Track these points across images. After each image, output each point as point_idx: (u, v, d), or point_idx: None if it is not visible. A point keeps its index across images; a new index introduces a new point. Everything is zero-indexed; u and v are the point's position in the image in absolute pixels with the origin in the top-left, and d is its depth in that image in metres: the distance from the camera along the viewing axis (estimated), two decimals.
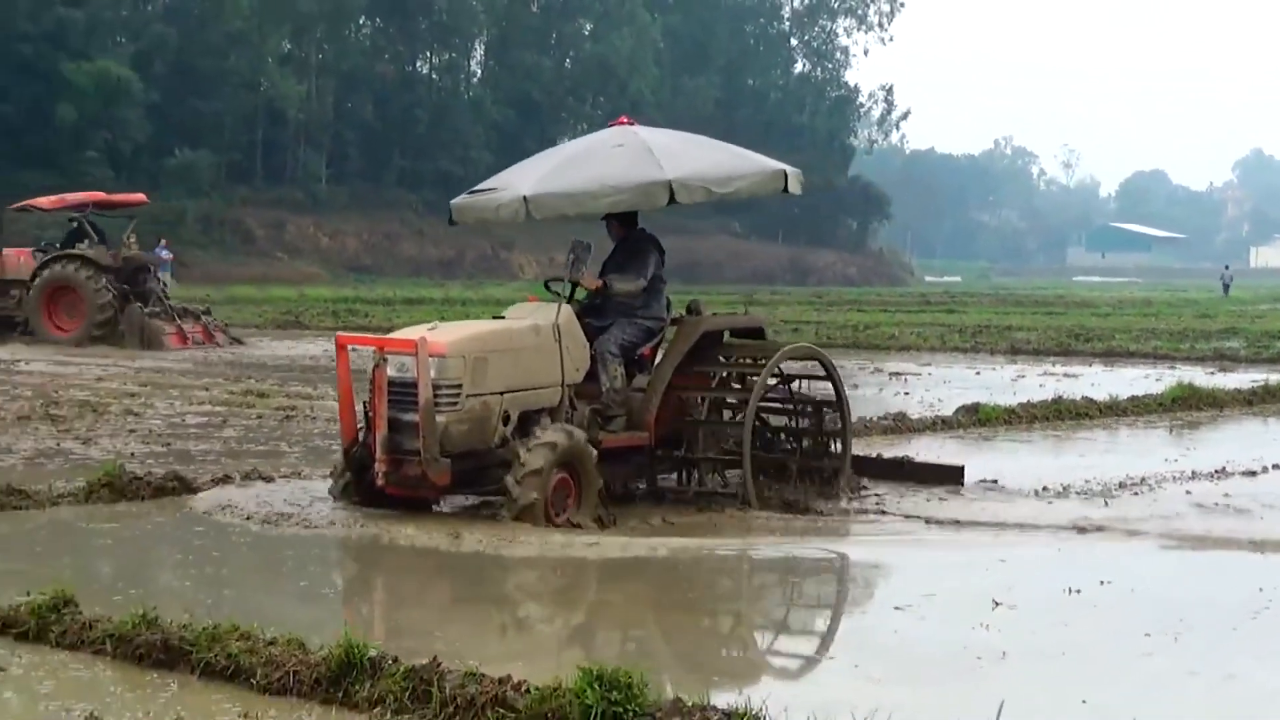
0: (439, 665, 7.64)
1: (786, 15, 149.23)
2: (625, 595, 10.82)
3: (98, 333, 34.51)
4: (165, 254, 63.18)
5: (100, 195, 39.52)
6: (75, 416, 20.34)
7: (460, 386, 12.45)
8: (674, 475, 14.73)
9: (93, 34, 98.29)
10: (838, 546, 12.70)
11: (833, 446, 15.17)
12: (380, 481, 12.45)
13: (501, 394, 12.79)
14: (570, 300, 13.77)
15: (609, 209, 13.94)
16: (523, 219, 13.72)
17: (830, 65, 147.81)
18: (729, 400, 14.69)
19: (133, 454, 16.78)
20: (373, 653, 7.77)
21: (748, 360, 14.67)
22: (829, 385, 15.23)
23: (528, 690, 7.30)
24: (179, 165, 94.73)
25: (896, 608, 10.02)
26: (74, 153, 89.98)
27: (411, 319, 46.72)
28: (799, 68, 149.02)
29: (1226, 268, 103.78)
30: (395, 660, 7.74)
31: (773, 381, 14.85)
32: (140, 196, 40.38)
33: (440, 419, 12.27)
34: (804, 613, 10.76)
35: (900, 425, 20.31)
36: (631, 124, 14.74)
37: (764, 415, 15.10)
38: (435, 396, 12.24)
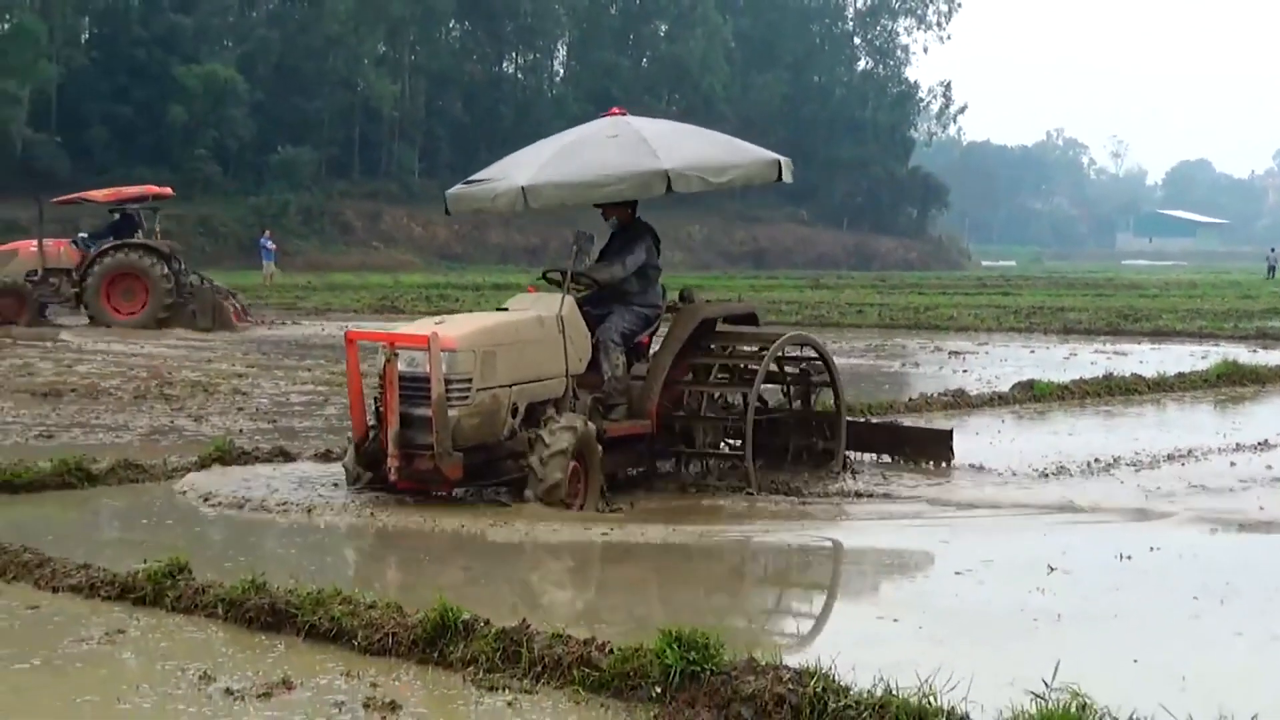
0: (528, 627, 7.65)
1: (850, 15, 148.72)
2: (679, 574, 10.64)
3: (163, 314, 34.95)
4: (269, 244, 63.63)
5: (152, 188, 40.18)
6: (187, 395, 20.46)
7: (470, 380, 11.96)
8: (671, 462, 14.14)
9: (201, 38, 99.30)
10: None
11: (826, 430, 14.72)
12: (392, 477, 11.91)
13: (510, 386, 12.29)
14: (569, 291, 13.12)
15: (607, 199, 13.37)
16: (520, 209, 13.04)
17: (891, 62, 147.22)
18: (727, 387, 14.21)
19: (241, 430, 16.87)
20: (466, 616, 7.79)
21: (746, 348, 14.26)
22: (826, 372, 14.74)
23: (611, 651, 7.30)
24: (282, 161, 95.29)
25: (956, 573, 9.99)
26: (184, 150, 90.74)
27: (500, 303, 46.85)
28: (862, 65, 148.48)
29: (1272, 250, 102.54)
30: (487, 623, 7.76)
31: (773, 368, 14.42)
32: (168, 190, 41.25)
33: (452, 413, 11.76)
34: (865, 579, 10.73)
35: (959, 401, 20.21)
36: (624, 114, 14.13)
37: (763, 400, 14.56)
38: (446, 391, 11.74)
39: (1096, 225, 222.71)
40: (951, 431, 15.32)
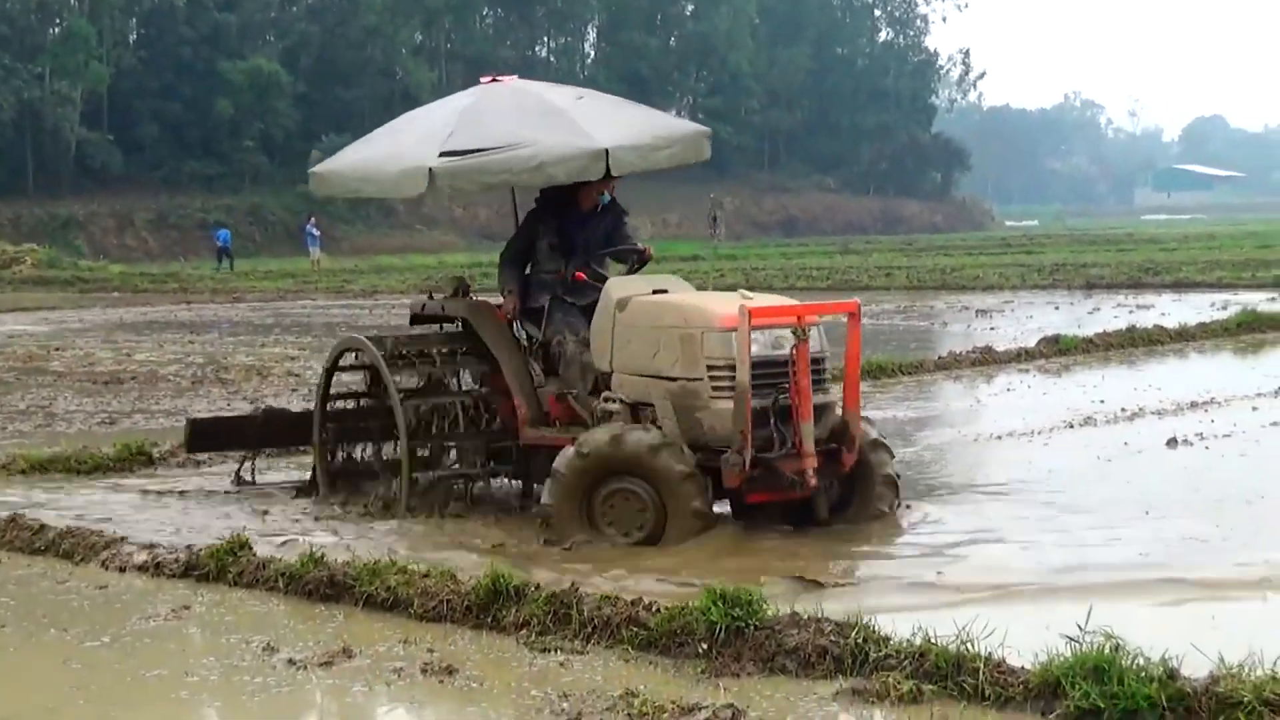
0: (577, 589, 7.67)
1: None
2: None
3: None
4: (314, 231, 63.81)
5: None
6: (243, 379, 20.51)
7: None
8: None
9: (245, 34, 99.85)
10: None
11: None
12: (812, 482, 9.50)
13: None
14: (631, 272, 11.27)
15: (546, 182, 10.91)
16: (420, 191, 10.70)
17: (911, 32, 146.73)
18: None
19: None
20: (517, 581, 7.81)
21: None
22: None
23: (658, 610, 7.31)
24: (326, 149, 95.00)
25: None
26: (232, 142, 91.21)
27: None
28: (883, 36, 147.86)
29: None
30: (538, 587, 7.78)
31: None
32: None
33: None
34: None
35: (987, 358, 20.17)
36: (499, 80, 11.96)
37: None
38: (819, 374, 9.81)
39: (1115, 183, 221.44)
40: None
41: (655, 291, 10.45)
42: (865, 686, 6.44)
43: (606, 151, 10.45)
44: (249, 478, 12.32)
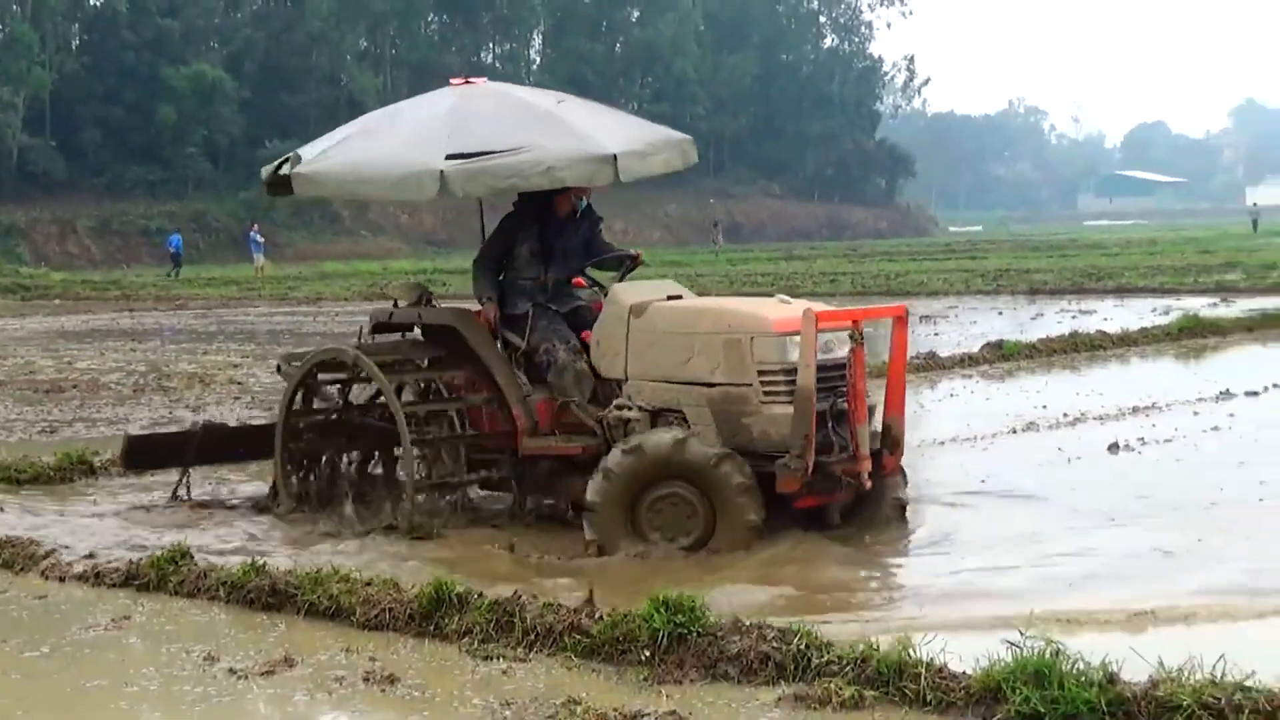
0: (520, 598, 7.65)
1: None
2: None
3: None
4: (258, 237, 63.66)
5: None
6: (185, 387, 20.41)
7: None
8: None
9: (188, 40, 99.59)
10: None
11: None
12: (867, 484, 9.67)
13: None
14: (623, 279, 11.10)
15: (551, 185, 10.55)
16: (432, 195, 10.39)
17: (856, 39, 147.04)
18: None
19: (238, 418, 16.80)
20: (460, 589, 7.80)
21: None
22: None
23: (601, 617, 7.31)
24: (271, 155, 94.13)
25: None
26: (176, 149, 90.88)
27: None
28: (828, 42, 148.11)
29: (1254, 205, 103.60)
30: (480, 595, 7.77)
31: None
32: None
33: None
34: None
35: (931, 363, 20.26)
36: (469, 83, 11.59)
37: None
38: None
39: (1058, 189, 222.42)
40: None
41: (670, 297, 10.42)
42: (807, 692, 6.46)
43: (615, 157, 10.32)
44: (185, 494, 11.94)
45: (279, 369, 11.89)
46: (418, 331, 11.28)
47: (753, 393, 9.59)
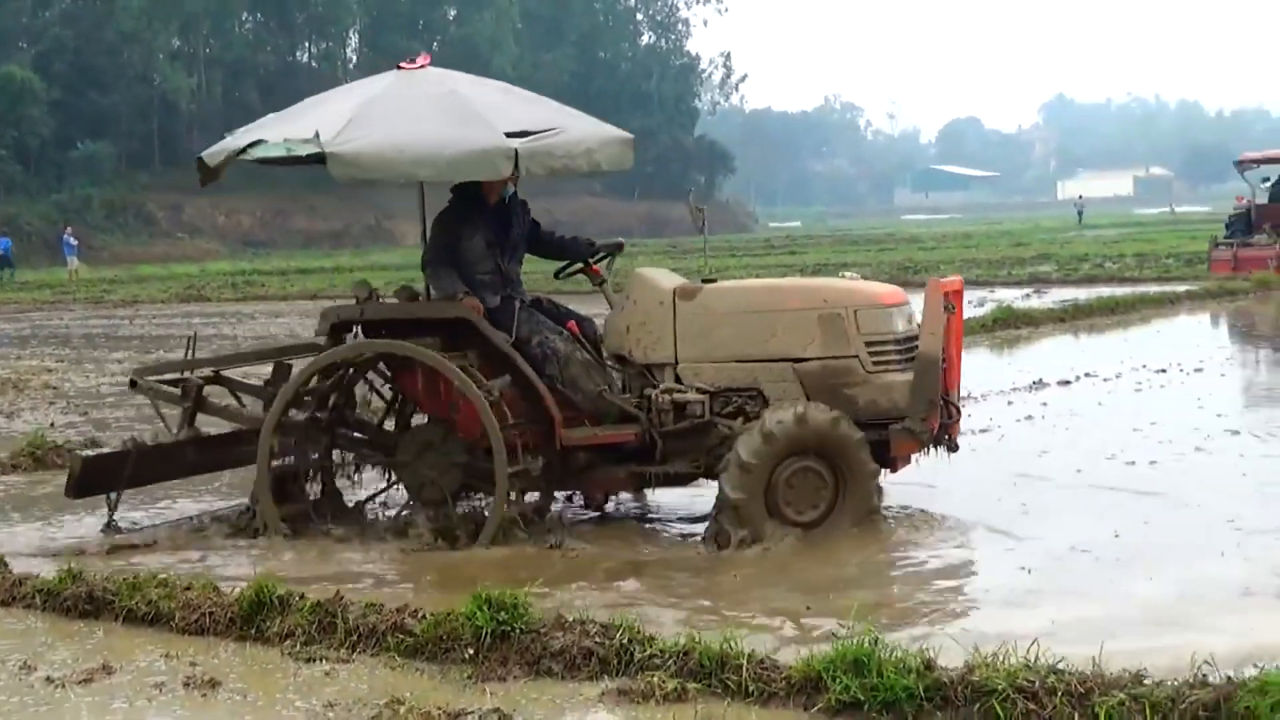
0: (342, 599, 7.62)
1: None
2: None
3: None
4: (71, 240, 62.63)
5: None
6: None
7: None
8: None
9: None
10: None
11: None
12: (957, 448, 10.37)
13: None
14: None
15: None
16: (505, 175, 10.03)
17: (673, 36, 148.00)
18: None
19: (53, 424, 16.51)
20: (281, 591, 7.75)
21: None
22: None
23: (424, 616, 7.30)
24: (82, 156, 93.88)
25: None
26: None
27: (305, 288, 46.57)
28: (645, 40, 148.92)
29: (1080, 197, 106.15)
30: (302, 597, 7.73)
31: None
32: None
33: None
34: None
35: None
36: (417, 65, 11.00)
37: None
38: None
39: (875, 184, 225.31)
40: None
41: (705, 281, 10.67)
42: (631, 686, 6.50)
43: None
44: (113, 519, 10.87)
45: (133, 384, 11.43)
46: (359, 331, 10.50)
47: (857, 364, 9.82)
